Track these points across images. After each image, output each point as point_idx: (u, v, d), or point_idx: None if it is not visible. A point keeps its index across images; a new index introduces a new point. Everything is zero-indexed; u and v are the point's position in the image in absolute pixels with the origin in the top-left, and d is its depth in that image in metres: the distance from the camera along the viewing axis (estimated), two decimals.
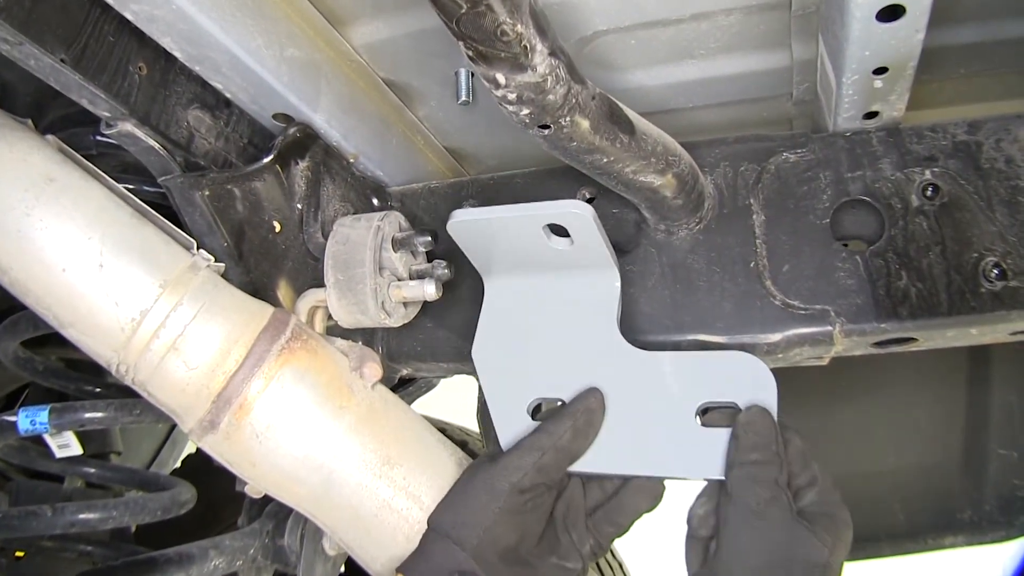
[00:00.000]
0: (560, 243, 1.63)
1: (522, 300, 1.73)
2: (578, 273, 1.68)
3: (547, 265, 1.68)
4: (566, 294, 1.70)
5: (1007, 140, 1.72)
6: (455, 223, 1.62)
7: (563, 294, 1.70)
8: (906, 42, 1.43)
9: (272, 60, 1.64)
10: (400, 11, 1.74)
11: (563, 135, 1.37)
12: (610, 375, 1.64)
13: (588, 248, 1.62)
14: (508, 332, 1.74)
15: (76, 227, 1.47)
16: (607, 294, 1.68)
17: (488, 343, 1.74)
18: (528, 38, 1.17)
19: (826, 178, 1.77)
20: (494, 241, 1.66)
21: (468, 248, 1.70)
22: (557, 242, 1.63)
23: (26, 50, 1.37)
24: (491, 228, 1.63)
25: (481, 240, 1.67)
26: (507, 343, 1.73)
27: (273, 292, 1.78)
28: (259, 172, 1.76)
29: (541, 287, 1.72)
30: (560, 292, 1.70)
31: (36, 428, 2.13)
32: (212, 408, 1.50)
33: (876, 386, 2.84)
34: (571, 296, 1.69)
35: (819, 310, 1.69)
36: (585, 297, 1.69)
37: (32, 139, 1.53)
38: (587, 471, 1.62)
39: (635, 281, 1.81)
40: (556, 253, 1.64)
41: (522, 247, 1.66)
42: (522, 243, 1.64)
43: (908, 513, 2.81)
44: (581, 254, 1.64)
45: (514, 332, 1.73)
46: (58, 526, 2.13)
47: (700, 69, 1.88)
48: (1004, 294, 1.63)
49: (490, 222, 1.61)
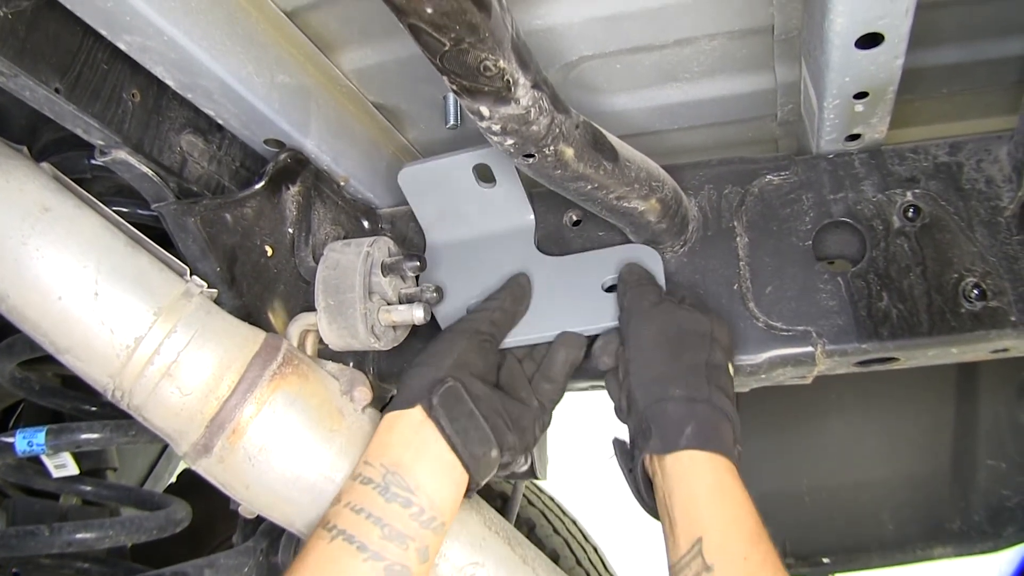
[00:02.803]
0: (487, 186, 1.91)
1: (459, 239, 2.01)
2: (502, 211, 1.96)
3: (478, 208, 1.96)
4: (494, 228, 1.98)
5: (987, 160, 1.75)
6: (405, 172, 1.93)
7: (491, 228, 1.98)
8: (885, 68, 1.46)
9: (263, 87, 1.65)
10: (388, 37, 1.76)
11: (547, 163, 1.40)
12: (536, 277, 1.90)
13: (508, 189, 1.91)
14: (449, 263, 2.00)
15: (72, 255, 1.48)
16: (525, 225, 1.97)
17: (433, 275, 1.99)
18: (511, 72, 1.19)
19: (809, 200, 1.79)
20: (437, 188, 1.94)
21: (415, 200, 1.99)
22: (485, 185, 1.91)
23: (21, 82, 1.38)
24: (434, 175, 1.92)
25: (426, 189, 1.96)
26: (448, 271, 1.99)
27: (265, 315, 1.79)
28: (251, 198, 1.78)
29: (474, 226, 1.99)
30: (489, 227, 1.98)
31: (33, 449, 2.14)
32: (206, 432, 1.52)
33: (865, 398, 2.85)
34: (498, 230, 1.98)
35: (801, 331, 1.72)
36: (508, 228, 1.97)
37: (28, 168, 1.54)
38: (523, 340, 1.85)
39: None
40: (483, 195, 1.93)
41: (458, 192, 1.93)
42: (458, 188, 1.92)
43: (897, 524, 2.82)
44: (503, 195, 1.93)
45: (454, 263, 2.00)
46: (56, 545, 2.14)
47: (684, 92, 1.89)
48: (984, 314, 1.65)
49: (434, 168, 1.91)
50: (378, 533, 1.43)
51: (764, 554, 1.41)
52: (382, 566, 1.41)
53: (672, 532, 1.47)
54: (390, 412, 1.60)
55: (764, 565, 1.40)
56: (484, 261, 1.97)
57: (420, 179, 1.94)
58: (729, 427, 1.54)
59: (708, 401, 1.54)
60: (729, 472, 1.49)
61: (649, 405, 1.57)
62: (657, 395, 1.57)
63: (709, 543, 1.40)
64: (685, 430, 1.50)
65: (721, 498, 1.47)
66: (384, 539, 1.43)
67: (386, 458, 1.52)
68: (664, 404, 1.55)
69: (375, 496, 1.47)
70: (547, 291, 1.88)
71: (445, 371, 1.62)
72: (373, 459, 1.53)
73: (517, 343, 1.85)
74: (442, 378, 1.60)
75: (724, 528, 1.43)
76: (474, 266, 1.97)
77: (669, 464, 1.51)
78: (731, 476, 1.49)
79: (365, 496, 1.47)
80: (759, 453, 2.84)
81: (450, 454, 1.55)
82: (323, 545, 1.43)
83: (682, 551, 1.43)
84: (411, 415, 1.57)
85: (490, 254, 1.97)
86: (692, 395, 1.54)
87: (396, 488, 1.48)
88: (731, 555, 1.40)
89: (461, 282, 1.96)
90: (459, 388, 1.60)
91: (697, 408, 1.53)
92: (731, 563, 1.39)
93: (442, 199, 1.97)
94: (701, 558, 1.39)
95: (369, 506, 1.46)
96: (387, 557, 1.42)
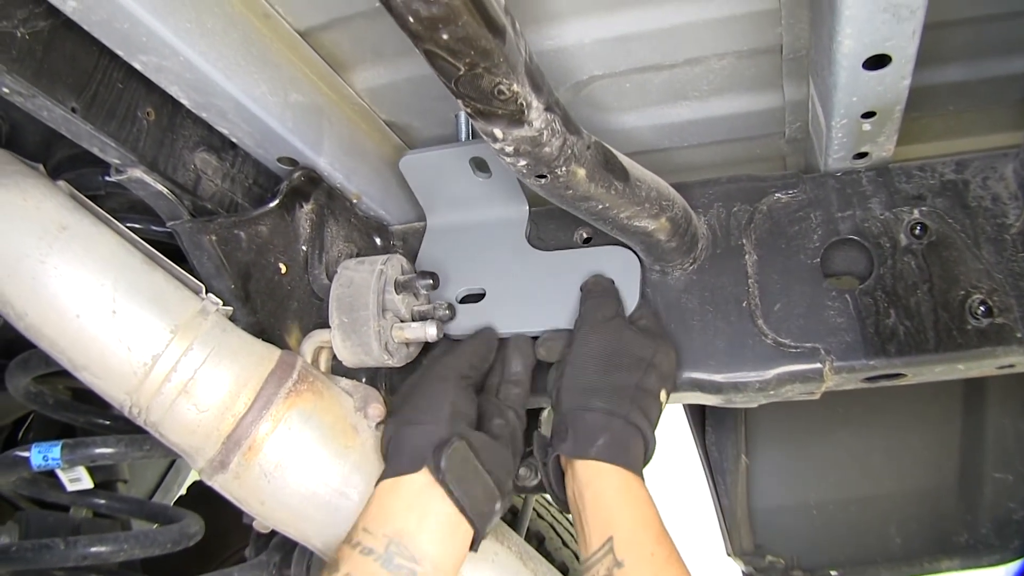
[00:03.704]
0: (483, 176, 1.96)
1: (455, 224, 2.08)
2: (497, 202, 2.02)
3: (474, 197, 2.02)
4: (488, 217, 2.05)
5: (993, 178, 1.76)
6: (406, 160, 1.97)
7: (486, 216, 2.05)
8: (893, 88, 1.47)
9: (277, 106, 1.67)
10: (400, 57, 1.78)
11: (559, 184, 1.41)
12: (521, 269, 1.98)
13: (504, 181, 1.96)
14: (444, 246, 2.08)
15: (89, 273, 1.50)
16: (519, 216, 2.03)
17: (429, 256, 2.07)
18: (524, 96, 1.20)
19: (817, 218, 1.80)
20: (436, 176, 1.99)
21: (415, 185, 2.03)
22: (481, 176, 1.96)
23: (39, 102, 1.40)
24: (432, 163, 1.96)
25: (426, 176, 2.01)
26: (442, 254, 2.06)
27: (279, 332, 1.81)
28: (265, 216, 1.80)
29: (470, 214, 2.06)
30: (484, 216, 2.05)
31: (48, 464, 2.15)
32: (222, 449, 1.53)
33: (872, 411, 2.85)
34: (492, 218, 2.05)
35: (809, 348, 1.73)
36: (502, 218, 2.04)
37: (45, 186, 1.56)
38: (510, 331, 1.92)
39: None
40: (479, 184, 1.98)
41: (456, 181, 1.98)
42: (456, 177, 1.97)
43: (905, 537, 2.81)
44: (499, 186, 1.98)
45: (448, 246, 2.07)
46: (71, 559, 2.15)
47: (693, 110, 1.91)
48: (990, 331, 1.66)
49: (431, 156, 1.95)
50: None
51: (669, 551, 1.52)
52: None
53: (583, 530, 1.57)
54: (390, 477, 1.57)
55: (669, 560, 1.51)
56: (477, 248, 2.05)
57: (419, 167, 1.99)
58: (641, 444, 1.64)
59: (625, 418, 1.62)
60: (635, 481, 1.59)
61: (571, 410, 1.66)
62: (580, 403, 1.66)
63: (619, 541, 1.51)
64: (597, 441, 1.59)
65: (629, 501, 1.57)
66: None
67: (388, 527, 1.49)
68: (584, 413, 1.64)
69: (377, 568, 1.45)
70: (532, 285, 1.96)
71: (446, 428, 1.60)
72: (374, 528, 1.49)
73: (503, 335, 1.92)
74: (446, 438, 1.57)
75: (632, 527, 1.53)
76: (468, 251, 2.05)
77: (579, 468, 1.60)
78: (637, 483, 1.59)
79: (366, 568, 1.45)
80: (767, 467, 2.84)
81: (457, 515, 1.53)
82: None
83: (593, 548, 1.53)
84: (414, 480, 1.55)
85: (484, 241, 2.05)
86: (612, 410, 1.63)
87: (400, 559, 1.46)
88: (640, 551, 1.50)
89: (455, 265, 2.04)
90: (465, 447, 1.57)
91: (613, 422, 1.61)
92: (640, 558, 1.49)
93: (440, 186, 2.03)
94: (612, 555, 1.50)
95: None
96: None
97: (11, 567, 2.21)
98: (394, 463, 1.59)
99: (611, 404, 1.63)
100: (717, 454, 2.77)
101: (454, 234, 2.08)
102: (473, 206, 2.05)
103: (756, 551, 2.83)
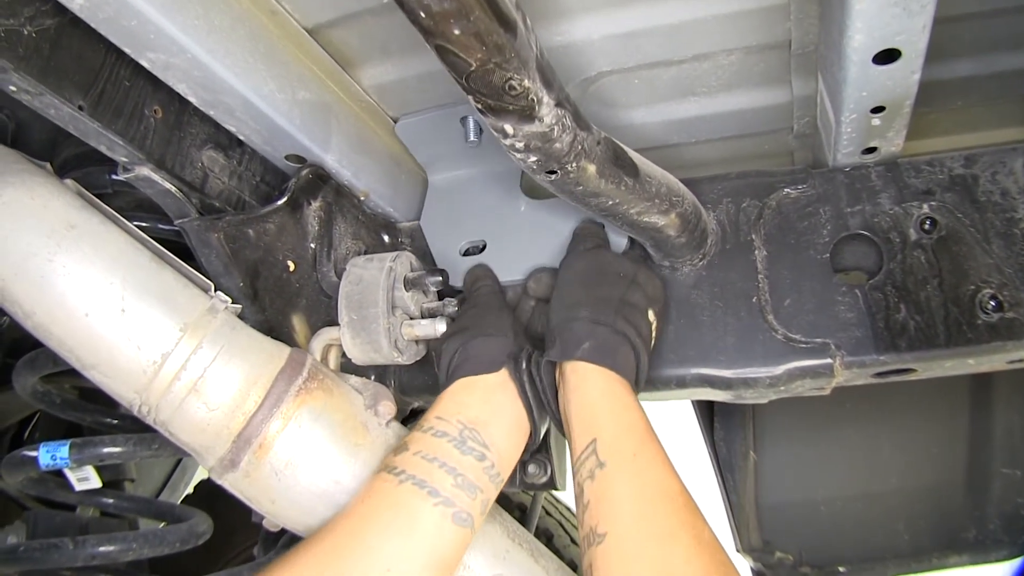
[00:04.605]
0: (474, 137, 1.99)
1: (454, 182, 2.16)
2: (491, 156, 2.05)
3: (469, 154, 2.07)
4: (484, 171, 2.12)
5: (1003, 172, 1.75)
6: (401, 125, 2.06)
7: (482, 170, 2.12)
8: (902, 83, 1.46)
9: (284, 103, 1.67)
10: (407, 54, 1.78)
11: (569, 179, 1.40)
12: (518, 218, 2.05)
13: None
14: (445, 204, 2.15)
15: (97, 272, 1.49)
16: (513, 168, 2.06)
17: (432, 213, 2.15)
18: (535, 92, 1.20)
19: (826, 213, 1.80)
20: (431, 138, 2.07)
21: (414, 148, 2.11)
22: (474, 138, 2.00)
23: (46, 100, 1.40)
24: (427, 126, 2.04)
25: (422, 139, 2.08)
26: (444, 211, 2.14)
27: (288, 330, 1.81)
28: (273, 213, 1.79)
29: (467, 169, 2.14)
30: (480, 170, 2.13)
31: (57, 463, 2.14)
32: (232, 448, 1.53)
33: (880, 408, 2.85)
34: (488, 172, 2.12)
35: (820, 343, 1.72)
36: (497, 171, 2.10)
37: (52, 184, 1.55)
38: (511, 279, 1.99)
39: None
40: (473, 145, 2.00)
41: (450, 140, 2.02)
42: (450, 136, 2.01)
43: (913, 533, 2.81)
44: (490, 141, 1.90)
45: (449, 203, 2.15)
46: (79, 559, 2.13)
47: (702, 106, 1.91)
48: (1001, 325, 1.65)
49: (426, 121, 2.03)
50: (451, 482, 1.50)
51: (653, 452, 1.53)
52: (451, 512, 1.48)
53: (571, 434, 1.60)
54: (465, 377, 1.68)
55: (653, 462, 1.51)
56: (476, 201, 2.13)
57: (415, 130, 2.06)
58: (629, 352, 1.66)
59: (611, 326, 1.65)
60: (622, 385, 1.61)
61: (558, 324, 1.70)
62: (567, 316, 1.70)
63: (602, 443, 1.53)
64: (583, 344, 1.62)
65: (613, 404, 1.59)
66: (456, 487, 1.50)
67: (463, 415, 1.61)
68: (571, 323, 1.68)
69: (450, 448, 1.55)
70: (529, 233, 2.03)
71: (514, 342, 1.73)
72: (448, 415, 1.61)
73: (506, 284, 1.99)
74: (520, 347, 1.72)
75: (615, 430, 1.55)
76: (468, 206, 2.13)
77: (568, 372, 1.63)
78: (623, 388, 1.61)
79: (439, 448, 1.54)
80: (776, 463, 2.84)
81: (522, 414, 1.67)
82: (389, 487, 1.48)
83: (578, 450, 1.56)
84: (489, 379, 1.67)
85: (482, 195, 2.12)
86: (597, 319, 1.67)
87: (472, 443, 1.57)
88: (622, 453, 1.51)
89: (456, 220, 2.12)
90: (537, 356, 1.69)
91: (598, 329, 1.65)
92: (622, 460, 1.51)
93: (436, 147, 2.10)
94: (595, 456, 1.52)
95: (443, 456, 1.53)
96: (457, 504, 1.49)
97: (19, 567, 2.20)
98: (470, 366, 1.70)
99: (596, 314, 1.67)
100: (725, 450, 2.77)
101: (455, 189, 2.16)
102: (469, 162, 2.12)
103: (765, 547, 2.83)
